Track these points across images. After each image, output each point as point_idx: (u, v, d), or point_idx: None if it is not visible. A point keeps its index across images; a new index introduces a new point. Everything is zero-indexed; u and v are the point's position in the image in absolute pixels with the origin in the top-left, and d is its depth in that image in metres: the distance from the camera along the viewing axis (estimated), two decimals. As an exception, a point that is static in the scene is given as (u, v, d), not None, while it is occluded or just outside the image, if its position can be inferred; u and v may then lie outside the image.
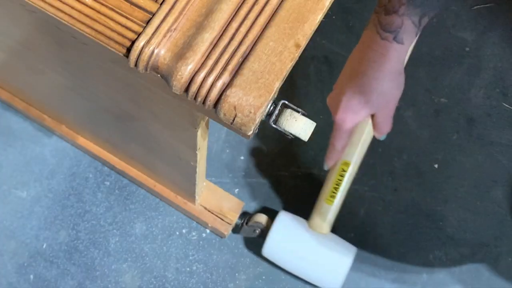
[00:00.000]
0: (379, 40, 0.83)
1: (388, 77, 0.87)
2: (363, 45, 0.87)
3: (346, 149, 0.99)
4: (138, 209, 1.21)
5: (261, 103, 0.61)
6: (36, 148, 1.24)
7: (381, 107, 0.91)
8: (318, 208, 1.08)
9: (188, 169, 0.95)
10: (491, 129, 1.27)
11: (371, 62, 0.85)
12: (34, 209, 1.21)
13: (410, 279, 1.18)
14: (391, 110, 0.92)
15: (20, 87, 1.17)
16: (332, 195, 1.06)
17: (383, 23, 0.82)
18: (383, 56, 0.84)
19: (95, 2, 0.63)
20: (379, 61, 0.85)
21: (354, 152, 1.04)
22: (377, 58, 0.85)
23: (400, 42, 0.83)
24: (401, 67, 0.87)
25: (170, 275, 1.18)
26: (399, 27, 0.81)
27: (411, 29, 0.81)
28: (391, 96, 0.90)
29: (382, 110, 0.92)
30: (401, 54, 0.85)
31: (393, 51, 0.84)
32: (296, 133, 0.66)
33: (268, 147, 1.25)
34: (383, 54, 0.84)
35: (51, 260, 1.18)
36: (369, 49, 0.85)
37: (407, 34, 0.82)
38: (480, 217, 1.22)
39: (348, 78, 0.90)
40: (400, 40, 0.82)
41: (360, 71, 0.87)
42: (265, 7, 0.63)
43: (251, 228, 1.15)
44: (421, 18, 0.80)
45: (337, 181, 1.05)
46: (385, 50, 0.84)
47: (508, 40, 1.32)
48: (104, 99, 0.90)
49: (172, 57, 0.61)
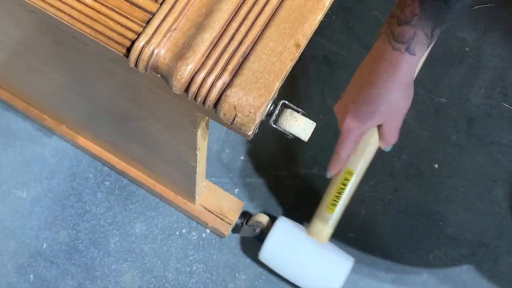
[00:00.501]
0: (391, 50, 0.83)
1: (398, 88, 0.87)
2: (374, 55, 0.86)
3: (351, 158, 0.99)
4: (138, 209, 1.21)
5: (261, 103, 0.61)
6: (36, 148, 1.24)
7: (389, 118, 0.91)
8: (318, 215, 1.07)
9: (188, 169, 0.95)
10: (491, 129, 1.27)
11: (382, 72, 0.85)
12: (34, 209, 1.21)
13: (410, 279, 1.18)
14: (399, 121, 0.92)
15: (20, 87, 1.17)
16: (333, 203, 1.04)
17: (396, 33, 0.82)
18: (394, 66, 0.84)
19: (95, 2, 0.63)
20: (390, 71, 0.85)
21: (358, 161, 1.02)
22: (388, 68, 0.85)
23: (412, 53, 0.83)
24: (411, 79, 0.87)
25: (170, 275, 1.18)
26: (411, 38, 0.81)
27: (423, 40, 0.81)
28: (400, 107, 0.90)
29: (390, 121, 0.91)
30: (412, 66, 0.85)
31: (405, 62, 0.84)
32: (296, 133, 0.66)
33: (268, 147, 1.25)
34: (394, 64, 0.84)
35: (51, 260, 1.18)
36: (380, 59, 0.85)
37: (419, 45, 0.82)
38: (480, 217, 1.22)
39: (357, 87, 0.90)
40: (412, 51, 0.83)
41: (370, 81, 0.87)
42: (265, 7, 0.63)
43: (251, 227, 1.15)
44: (433, 30, 0.80)
45: (339, 189, 1.04)
46: (397, 60, 0.84)
47: (508, 40, 1.32)
48: (104, 99, 0.90)
49: (172, 57, 0.61)
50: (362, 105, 0.89)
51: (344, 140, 0.93)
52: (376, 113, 0.89)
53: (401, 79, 0.86)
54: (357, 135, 0.92)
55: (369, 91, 0.87)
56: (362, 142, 1.00)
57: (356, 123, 0.91)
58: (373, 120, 0.90)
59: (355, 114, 0.90)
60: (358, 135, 0.92)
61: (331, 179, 1.05)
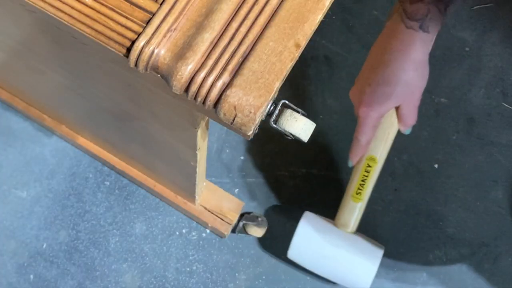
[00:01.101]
0: (404, 29, 0.82)
1: (413, 67, 0.85)
2: (387, 35, 0.85)
3: (371, 144, 0.97)
4: (138, 209, 1.21)
5: (261, 103, 0.61)
6: (36, 148, 1.24)
7: (407, 98, 0.89)
8: (344, 206, 1.05)
9: (188, 169, 0.95)
10: (491, 129, 1.27)
11: (396, 51, 0.84)
12: (34, 209, 1.21)
13: (410, 279, 1.18)
14: (417, 100, 0.90)
15: (20, 87, 1.17)
16: (358, 192, 1.02)
17: (409, 11, 0.80)
18: (408, 45, 0.83)
19: (95, 2, 0.63)
20: (404, 50, 0.83)
21: (379, 146, 1.00)
22: (402, 47, 0.83)
23: (425, 31, 0.81)
24: (426, 57, 0.85)
25: (170, 275, 1.18)
26: (425, 15, 0.80)
27: (437, 17, 0.80)
28: (416, 87, 0.88)
29: (407, 101, 0.90)
30: (427, 43, 0.83)
31: (419, 40, 0.82)
32: (296, 133, 0.66)
33: (268, 147, 1.25)
34: (408, 43, 0.83)
35: (51, 260, 1.18)
36: (394, 39, 0.83)
37: (432, 22, 0.81)
38: (480, 217, 1.22)
39: (371, 69, 0.88)
40: (425, 29, 0.81)
41: (384, 62, 0.85)
42: (265, 7, 0.63)
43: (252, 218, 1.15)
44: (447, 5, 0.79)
45: (363, 177, 1.02)
46: (411, 39, 0.82)
47: (508, 40, 1.32)
48: (104, 99, 0.90)
49: (172, 57, 0.61)
50: (377, 86, 0.87)
51: (362, 125, 0.91)
52: (393, 93, 0.87)
53: (416, 58, 0.84)
54: (375, 119, 0.90)
55: (384, 71, 0.86)
56: (381, 127, 0.97)
57: (373, 106, 0.89)
58: (390, 101, 0.89)
59: (371, 97, 0.88)
60: (376, 119, 0.90)
61: (354, 168, 1.03)
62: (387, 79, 0.86)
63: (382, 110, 0.90)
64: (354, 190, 1.03)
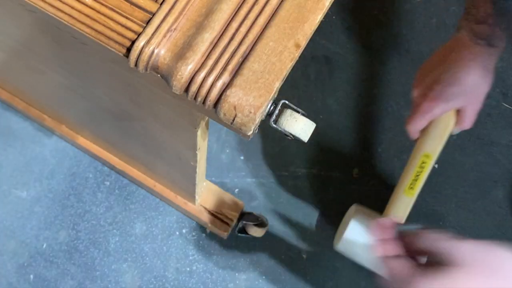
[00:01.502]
0: (472, 44, 0.91)
1: (481, 73, 0.93)
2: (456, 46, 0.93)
3: (428, 141, 1.01)
4: (138, 209, 1.21)
5: (261, 103, 0.61)
6: (36, 148, 1.24)
7: (472, 100, 0.96)
8: (397, 200, 1.06)
9: (188, 169, 0.95)
10: (491, 129, 1.27)
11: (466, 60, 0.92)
12: (34, 209, 1.21)
13: (410, 279, 1.18)
14: (480, 104, 0.97)
15: (20, 87, 1.17)
16: (411, 186, 1.04)
17: (476, 31, 0.90)
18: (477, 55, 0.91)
19: (95, 2, 0.63)
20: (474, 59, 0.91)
21: (435, 144, 1.03)
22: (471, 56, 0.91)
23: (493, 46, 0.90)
24: (493, 66, 0.94)
25: (170, 275, 1.18)
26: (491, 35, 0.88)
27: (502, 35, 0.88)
28: (482, 91, 0.95)
29: (472, 103, 0.96)
30: (494, 55, 0.92)
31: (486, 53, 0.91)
32: (296, 133, 0.66)
33: (268, 147, 1.25)
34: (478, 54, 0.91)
35: (51, 260, 1.18)
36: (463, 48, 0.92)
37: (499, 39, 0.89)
38: (480, 217, 1.22)
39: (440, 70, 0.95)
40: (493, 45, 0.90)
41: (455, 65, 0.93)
42: (265, 7, 0.63)
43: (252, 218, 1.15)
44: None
45: (417, 172, 1.04)
46: (480, 51, 0.91)
47: (508, 40, 1.32)
48: (104, 99, 0.90)
49: (172, 57, 0.61)
50: (447, 86, 0.94)
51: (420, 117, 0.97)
52: (462, 94, 0.94)
53: (485, 66, 0.92)
54: (435, 115, 0.96)
55: (454, 74, 0.93)
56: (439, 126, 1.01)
57: (439, 102, 0.95)
58: (457, 101, 0.95)
59: (440, 94, 0.95)
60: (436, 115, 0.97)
61: (407, 164, 1.06)
62: (457, 80, 0.93)
63: (447, 107, 0.96)
64: (407, 185, 1.05)
